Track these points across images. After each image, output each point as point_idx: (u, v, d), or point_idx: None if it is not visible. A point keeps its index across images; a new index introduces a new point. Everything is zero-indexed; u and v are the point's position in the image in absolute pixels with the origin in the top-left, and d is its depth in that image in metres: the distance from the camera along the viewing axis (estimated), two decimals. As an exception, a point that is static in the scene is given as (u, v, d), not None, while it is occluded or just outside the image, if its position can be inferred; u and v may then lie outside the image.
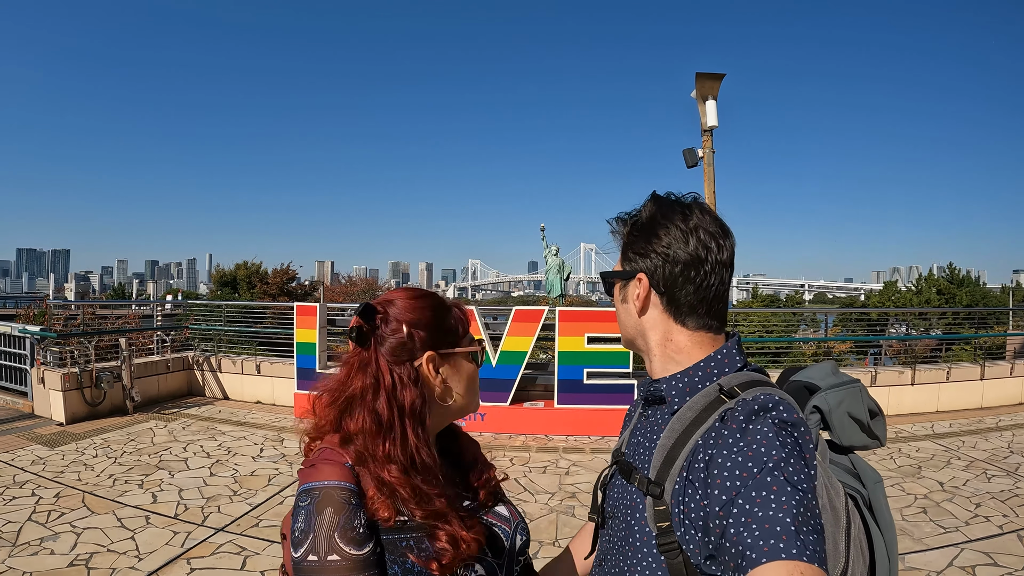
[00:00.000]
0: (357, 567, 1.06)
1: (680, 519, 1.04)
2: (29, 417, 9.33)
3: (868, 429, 1.21)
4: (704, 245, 1.19)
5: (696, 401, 1.13)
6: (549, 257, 15.92)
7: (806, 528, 0.89)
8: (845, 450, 1.24)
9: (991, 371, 10.76)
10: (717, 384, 1.15)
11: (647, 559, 1.09)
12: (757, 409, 1.03)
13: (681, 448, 1.08)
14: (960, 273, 33.57)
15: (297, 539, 1.08)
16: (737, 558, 0.89)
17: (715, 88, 8.44)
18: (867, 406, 1.22)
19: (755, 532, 0.89)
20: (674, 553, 1.03)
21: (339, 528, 1.06)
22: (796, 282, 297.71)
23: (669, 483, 1.07)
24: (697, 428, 1.08)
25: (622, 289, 1.28)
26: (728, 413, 1.06)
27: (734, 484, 0.95)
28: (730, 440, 1.00)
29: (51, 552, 4.71)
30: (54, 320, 12.98)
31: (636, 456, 1.22)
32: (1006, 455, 7.61)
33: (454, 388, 1.30)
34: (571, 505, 5.90)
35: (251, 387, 11.08)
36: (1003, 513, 5.66)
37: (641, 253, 1.23)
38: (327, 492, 1.10)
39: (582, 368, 8.64)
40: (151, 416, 9.50)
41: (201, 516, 5.52)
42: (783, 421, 1.01)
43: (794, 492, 0.91)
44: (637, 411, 1.37)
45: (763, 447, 0.97)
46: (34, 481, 6.34)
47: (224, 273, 29.67)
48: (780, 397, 1.07)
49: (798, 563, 0.85)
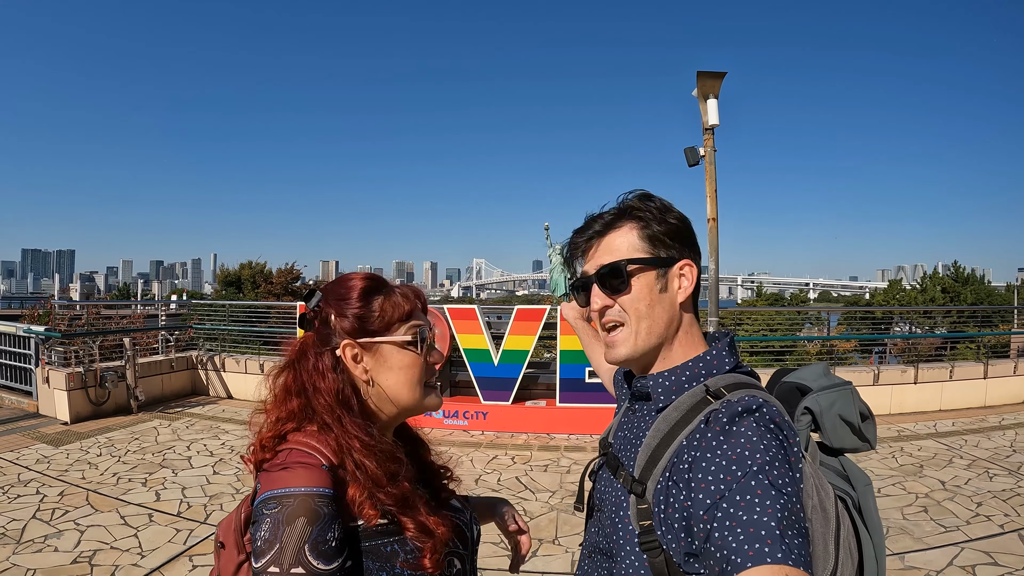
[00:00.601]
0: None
1: (661, 519, 1.04)
2: (34, 416, 9.39)
3: (859, 432, 1.21)
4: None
5: (682, 401, 1.13)
6: (553, 256, 15.88)
7: (791, 532, 0.89)
8: (835, 452, 1.24)
9: (994, 370, 10.72)
10: (704, 385, 1.14)
11: (630, 556, 1.09)
12: (741, 411, 1.02)
13: (665, 448, 1.08)
14: (965, 271, 33.41)
15: (260, 549, 0.99)
16: (722, 562, 0.89)
17: (716, 86, 8.44)
18: (858, 409, 1.22)
19: (740, 536, 0.89)
20: (656, 552, 1.03)
21: (310, 540, 0.99)
22: (800, 280, 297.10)
23: (651, 483, 1.08)
24: (682, 429, 1.08)
25: (660, 278, 1.18)
26: (713, 415, 1.05)
27: (718, 488, 0.95)
28: (714, 443, 1.00)
29: (55, 550, 4.75)
30: (58, 320, 13.04)
31: (623, 451, 1.22)
32: (1008, 454, 7.58)
33: (380, 380, 1.22)
34: (571, 504, 5.91)
35: (255, 386, 11.05)
36: (1004, 512, 5.64)
37: (677, 238, 1.20)
38: (302, 500, 1.02)
39: (584, 367, 8.62)
40: (155, 415, 9.55)
41: (204, 514, 5.55)
42: (767, 423, 1.01)
43: (778, 496, 0.91)
44: (624, 405, 1.36)
45: (747, 450, 0.96)
46: (39, 479, 6.39)
47: (228, 273, 29.72)
48: (764, 399, 1.06)
49: (783, 567, 0.85)
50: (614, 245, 1.20)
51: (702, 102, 8.49)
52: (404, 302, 1.25)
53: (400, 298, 1.25)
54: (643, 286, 1.17)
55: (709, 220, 8.60)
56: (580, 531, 5.20)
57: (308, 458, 1.09)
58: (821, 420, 1.20)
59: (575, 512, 1.31)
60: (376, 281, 1.27)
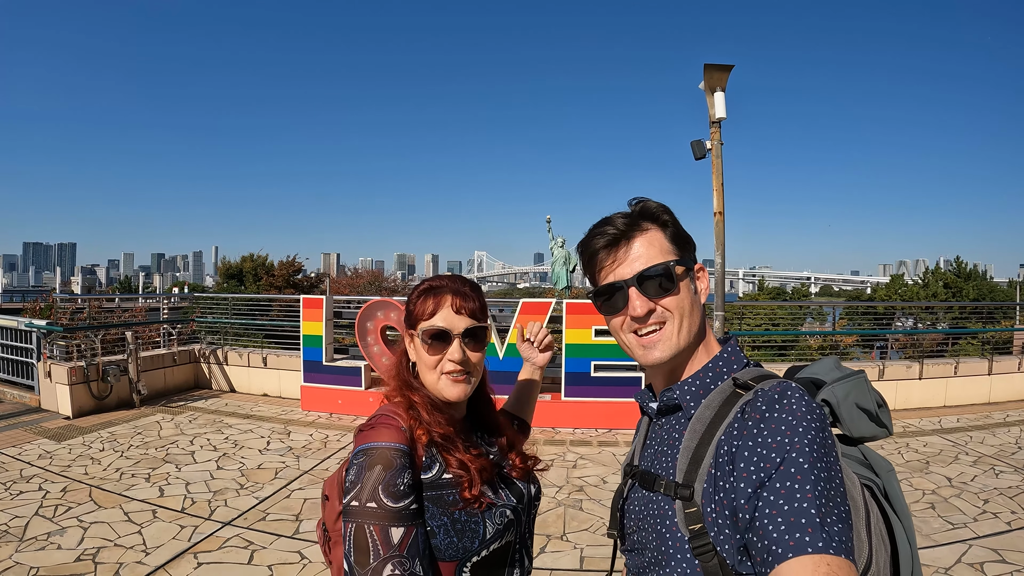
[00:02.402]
0: (388, 516, 1.21)
1: (713, 519, 1.04)
2: (36, 411, 9.37)
3: (876, 418, 1.22)
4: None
5: (712, 399, 1.14)
6: (555, 249, 15.90)
7: (831, 518, 0.89)
8: (854, 442, 1.25)
9: (999, 366, 10.69)
10: (731, 379, 1.15)
11: (682, 564, 1.07)
12: (778, 397, 1.03)
13: (706, 447, 1.09)
14: (967, 267, 33.41)
15: (347, 488, 1.26)
16: (763, 552, 0.90)
17: (723, 79, 8.35)
18: (873, 396, 1.23)
19: (780, 525, 0.89)
20: (709, 555, 1.03)
21: (383, 482, 1.23)
22: (802, 275, 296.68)
23: (698, 484, 1.07)
24: (719, 425, 1.09)
25: (692, 280, 1.25)
26: (748, 404, 1.06)
27: (758, 476, 0.95)
28: (754, 431, 1.01)
29: (58, 547, 4.72)
30: (60, 314, 13.01)
31: (656, 464, 1.21)
32: (1014, 451, 7.55)
33: (418, 365, 1.48)
34: (578, 499, 5.89)
35: (258, 380, 11.09)
36: (1011, 510, 5.62)
37: (690, 244, 1.26)
38: (381, 451, 1.28)
39: (589, 361, 8.62)
40: (157, 409, 9.53)
41: (208, 510, 5.52)
42: (804, 408, 1.02)
43: (817, 481, 0.92)
44: (646, 422, 1.36)
45: (786, 437, 0.97)
46: (41, 475, 6.36)
47: (230, 266, 29.75)
48: (797, 385, 1.07)
49: (824, 556, 0.85)
50: (646, 248, 1.21)
51: (709, 95, 8.42)
52: (432, 303, 1.45)
53: (432, 300, 1.46)
54: (685, 287, 1.21)
55: (716, 214, 8.53)
56: (588, 527, 5.20)
57: (391, 420, 1.36)
58: (839, 410, 1.22)
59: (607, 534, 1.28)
60: (435, 282, 1.50)
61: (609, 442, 7.97)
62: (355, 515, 1.21)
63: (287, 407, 9.90)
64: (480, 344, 1.47)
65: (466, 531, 1.32)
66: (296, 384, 10.18)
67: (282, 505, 5.67)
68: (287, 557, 4.66)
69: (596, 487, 6.28)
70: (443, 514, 1.31)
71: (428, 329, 1.43)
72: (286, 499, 5.83)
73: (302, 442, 7.82)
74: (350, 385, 9.59)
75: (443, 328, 1.43)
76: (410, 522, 1.24)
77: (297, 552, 4.74)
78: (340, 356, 10.38)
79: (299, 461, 7.01)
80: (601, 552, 4.82)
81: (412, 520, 1.25)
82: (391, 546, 1.20)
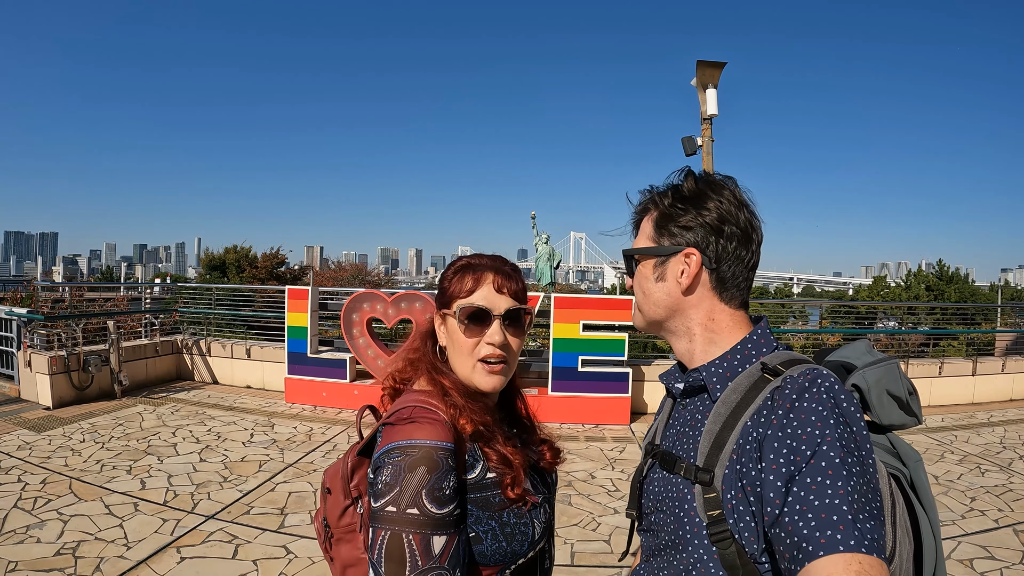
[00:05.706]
0: (431, 523, 1.09)
1: (733, 505, 1.01)
2: (15, 401, 9.19)
3: (907, 406, 1.19)
4: (753, 221, 1.18)
5: (740, 382, 1.10)
6: (539, 245, 15.93)
7: (863, 515, 0.87)
8: (883, 430, 1.22)
9: (983, 367, 10.81)
10: (760, 363, 1.11)
11: (698, 551, 1.05)
12: (808, 385, 1.00)
13: (730, 432, 1.05)
14: (949, 270, 33.80)
15: (380, 491, 1.11)
16: (793, 549, 0.88)
17: (716, 76, 8.34)
18: (904, 383, 1.20)
19: (811, 522, 0.87)
20: (726, 543, 1.00)
21: (428, 486, 1.10)
22: (785, 275, 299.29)
23: (719, 469, 1.04)
24: (745, 410, 1.05)
25: (658, 266, 1.21)
26: (777, 391, 1.03)
27: (788, 469, 0.93)
28: (784, 420, 0.97)
29: (37, 540, 4.60)
30: (41, 302, 12.76)
31: (678, 445, 1.17)
32: (999, 450, 7.64)
33: (448, 347, 1.35)
34: (567, 494, 5.85)
35: (241, 371, 10.96)
36: (998, 507, 5.67)
37: (687, 227, 1.18)
38: (425, 451, 1.13)
39: (577, 355, 8.58)
40: (139, 400, 9.37)
41: (191, 503, 5.42)
42: (835, 397, 0.98)
43: (849, 476, 0.90)
44: (669, 401, 1.33)
45: (816, 428, 0.94)
46: (20, 467, 6.22)
47: (213, 257, 29.44)
48: (828, 372, 1.04)
49: (856, 555, 0.83)
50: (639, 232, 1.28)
51: (701, 92, 8.40)
52: (472, 281, 1.32)
53: (471, 277, 1.33)
54: (647, 273, 1.23)
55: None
56: (577, 522, 5.17)
57: (431, 414, 1.20)
58: (869, 397, 1.18)
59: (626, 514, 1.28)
60: (474, 259, 1.37)
61: (596, 437, 7.94)
62: (391, 522, 1.09)
63: (271, 399, 9.78)
64: (520, 330, 1.34)
65: (516, 534, 1.22)
66: (280, 376, 10.06)
67: (266, 498, 5.58)
68: (272, 551, 4.58)
69: (584, 482, 6.25)
70: (490, 518, 1.20)
71: (466, 307, 1.29)
72: (270, 492, 5.74)
73: (286, 435, 7.72)
74: (335, 378, 9.47)
75: (483, 307, 1.30)
76: (453, 529, 1.13)
77: (282, 546, 4.66)
78: (325, 348, 10.28)
79: (283, 454, 6.92)
80: (592, 547, 4.79)
81: (455, 527, 1.13)
82: (431, 557, 1.09)
